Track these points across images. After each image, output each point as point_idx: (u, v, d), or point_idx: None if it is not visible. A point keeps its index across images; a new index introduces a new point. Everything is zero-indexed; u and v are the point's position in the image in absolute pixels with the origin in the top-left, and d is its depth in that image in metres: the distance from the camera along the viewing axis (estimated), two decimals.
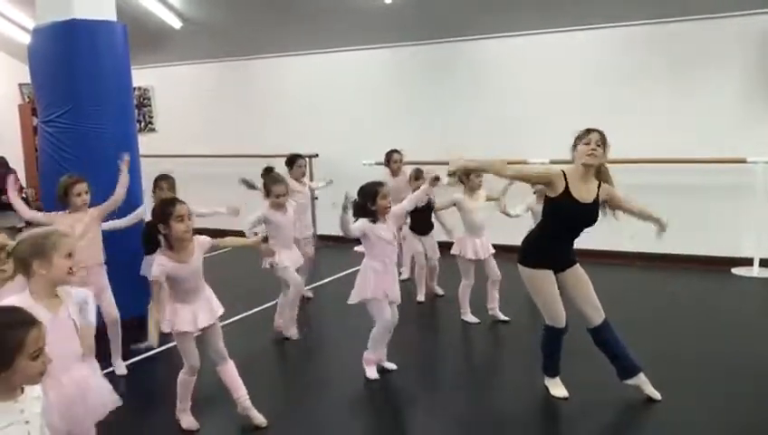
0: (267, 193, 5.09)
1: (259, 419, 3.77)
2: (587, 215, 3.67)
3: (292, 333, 5.19)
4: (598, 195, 3.68)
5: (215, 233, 4.07)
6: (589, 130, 3.67)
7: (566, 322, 3.83)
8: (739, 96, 6.83)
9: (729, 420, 3.71)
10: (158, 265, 3.49)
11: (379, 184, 4.36)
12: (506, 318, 5.44)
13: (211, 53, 9.57)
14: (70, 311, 2.71)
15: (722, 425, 3.65)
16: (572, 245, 3.84)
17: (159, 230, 3.49)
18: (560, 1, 7.20)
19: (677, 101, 7.09)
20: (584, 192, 3.65)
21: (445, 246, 6.10)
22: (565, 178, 3.63)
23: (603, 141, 3.65)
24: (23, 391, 2.01)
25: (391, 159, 6.85)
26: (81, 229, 4.45)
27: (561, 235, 3.75)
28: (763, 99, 6.66)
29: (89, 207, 4.57)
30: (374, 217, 4.24)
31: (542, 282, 3.78)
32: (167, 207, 3.47)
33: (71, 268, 2.64)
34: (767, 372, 4.31)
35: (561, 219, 3.70)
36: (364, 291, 4.26)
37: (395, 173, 6.80)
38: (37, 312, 2.49)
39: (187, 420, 3.79)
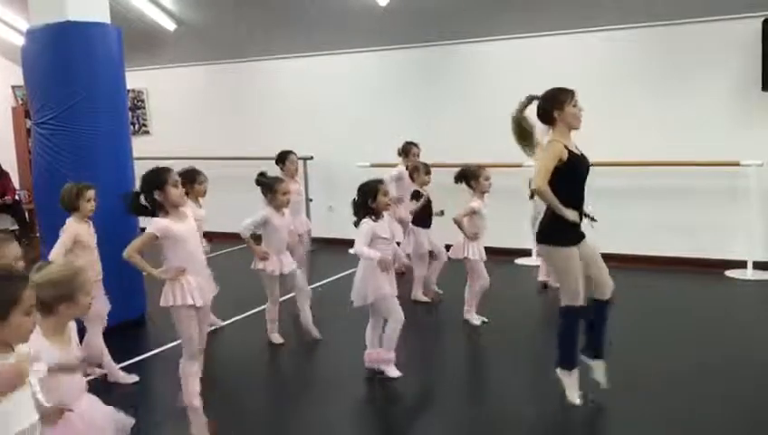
0: (272, 194, 5.04)
1: None
2: (586, 163, 3.78)
3: (275, 338, 5.19)
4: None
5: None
6: (572, 92, 3.77)
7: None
8: (732, 99, 6.85)
9: (724, 421, 3.71)
10: (156, 224, 3.52)
11: (380, 181, 4.35)
12: (484, 320, 5.45)
13: (205, 55, 9.56)
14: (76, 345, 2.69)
15: (718, 426, 3.66)
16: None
17: (154, 197, 3.53)
18: (553, 5, 7.22)
19: (671, 104, 7.11)
20: (573, 146, 3.74)
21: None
22: (563, 145, 3.67)
23: None
24: (13, 350, 2.06)
25: (410, 153, 6.78)
26: (93, 242, 4.49)
27: (575, 194, 3.73)
28: (757, 102, 6.69)
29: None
30: (374, 214, 4.23)
31: (574, 259, 3.73)
32: (161, 175, 3.56)
33: (90, 303, 2.65)
34: (762, 374, 4.32)
35: (575, 177, 3.72)
36: (376, 290, 4.21)
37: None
38: (52, 352, 2.46)
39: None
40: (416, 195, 6.09)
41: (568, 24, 7.37)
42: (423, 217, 6.07)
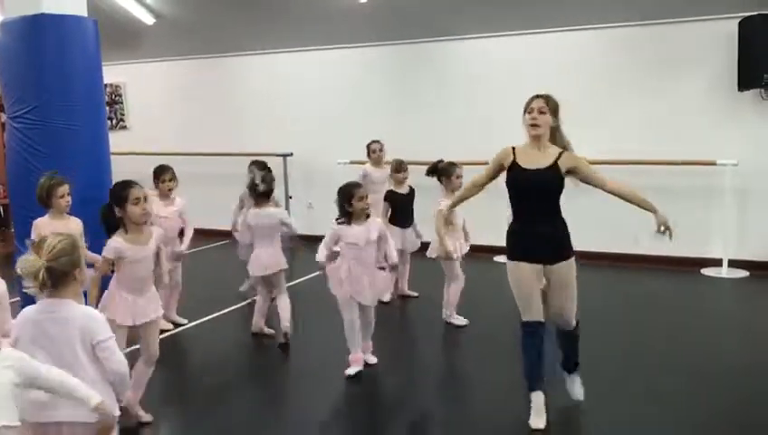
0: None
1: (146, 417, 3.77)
2: (536, 180, 3.45)
3: (260, 327, 5.29)
4: (557, 162, 3.46)
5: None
6: (533, 97, 3.51)
7: (543, 319, 3.56)
8: (709, 99, 6.93)
9: (693, 418, 3.76)
10: (111, 244, 3.50)
11: (356, 185, 4.35)
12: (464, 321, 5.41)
13: (184, 49, 9.48)
14: None
15: (686, 424, 3.70)
16: (544, 226, 3.52)
17: (114, 212, 3.49)
18: (532, 3, 7.26)
19: (648, 103, 7.18)
20: (535, 159, 3.47)
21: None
22: (514, 152, 3.54)
23: (550, 107, 3.49)
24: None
25: (370, 149, 6.81)
26: None
27: (520, 209, 3.57)
28: (732, 102, 6.77)
29: (71, 214, 4.47)
30: (350, 218, 4.25)
31: (517, 273, 3.56)
32: (123, 190, 3.47)
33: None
34: (734, 371, 4.38)
35: (514, 191, 3.55)
36: (334, 287, 4.37)
37: (376, 163, 6.74)
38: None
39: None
40: (388, 196, 6.00)
41: (545, 23, 7.41)
42: (396, 216, 5.94)
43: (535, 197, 3.52)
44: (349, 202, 4.23)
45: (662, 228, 3.47)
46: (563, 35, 7.46)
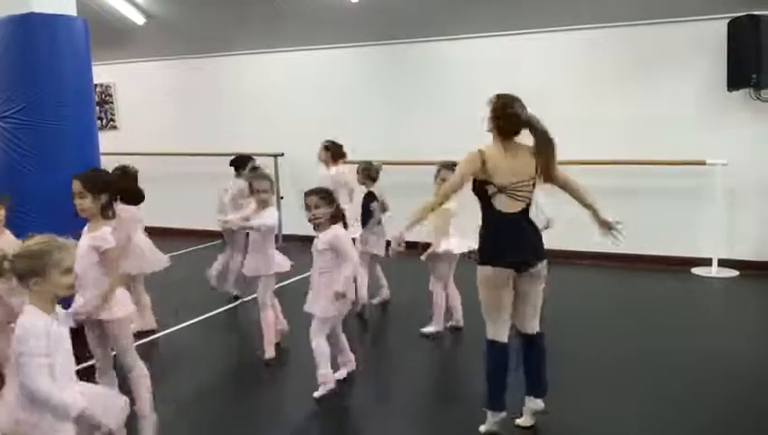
0: (251, 191, 4.93)
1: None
2: None
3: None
4: None
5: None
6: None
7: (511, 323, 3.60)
8: (698, 99, 6.96)
9: (689, 418, 3.77)
10: None
11: (306, 194, 4.24)
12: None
13: (175, 49, 9.44)
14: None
15: (678, 424, 3.71)
16: None
17: None
18: (525, 4, 7.27)
19: (638, 103, 7.20)
20: None
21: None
22: None
23: (492, 106, 3.64)
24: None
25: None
26: None
27: None
28: (722, 102, 6.81)
29: (6, 229, 4.05)
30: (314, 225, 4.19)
31: None
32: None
33: (71, 283, 2.51)
34: (725, 370, 4.40)
35: None
36: (310, 304, 4.26)
37: (325, 165, 6.51)
38: (51, 324, 2.42)
39: None
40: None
41: (539, 23, 7.43)
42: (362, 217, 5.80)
43: None
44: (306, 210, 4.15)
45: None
46: (555, 36, 7.47)
